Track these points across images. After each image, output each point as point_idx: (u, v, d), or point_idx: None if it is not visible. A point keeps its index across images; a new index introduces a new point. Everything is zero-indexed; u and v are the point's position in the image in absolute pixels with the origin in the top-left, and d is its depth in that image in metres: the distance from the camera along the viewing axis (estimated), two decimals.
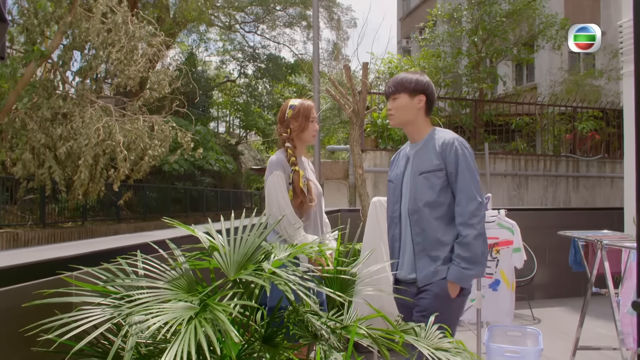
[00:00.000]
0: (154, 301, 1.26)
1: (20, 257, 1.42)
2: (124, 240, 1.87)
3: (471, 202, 2.30)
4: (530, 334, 3.58)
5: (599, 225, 5.67)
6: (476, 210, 2.30)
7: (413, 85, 2.48)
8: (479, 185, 2.36)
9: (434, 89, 2.57)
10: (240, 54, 28.16)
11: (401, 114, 2.52)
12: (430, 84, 2.54)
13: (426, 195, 2.38)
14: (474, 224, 2.28)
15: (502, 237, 3.97)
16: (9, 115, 9.56)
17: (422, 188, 2.40)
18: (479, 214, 2.30)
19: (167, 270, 1.45)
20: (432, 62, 11.89)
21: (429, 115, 2.57)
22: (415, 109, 2.49)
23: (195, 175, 18.55)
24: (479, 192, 2.33)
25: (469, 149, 2.40)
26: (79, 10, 9.57)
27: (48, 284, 1.36)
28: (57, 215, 12.10)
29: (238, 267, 1.41)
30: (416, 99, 2.48)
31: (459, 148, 2.35)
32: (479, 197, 2.32)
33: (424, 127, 2.53)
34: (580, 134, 9.97)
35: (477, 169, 2.40)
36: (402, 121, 2.55)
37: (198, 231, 1.57)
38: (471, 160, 2.37)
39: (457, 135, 2.44)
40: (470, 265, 2.26)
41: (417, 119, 2.51)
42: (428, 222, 2.37)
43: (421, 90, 2.49)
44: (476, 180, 2.35)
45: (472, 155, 2.39)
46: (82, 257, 1.49)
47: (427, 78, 2.56)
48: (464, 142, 2.41)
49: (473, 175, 2.35)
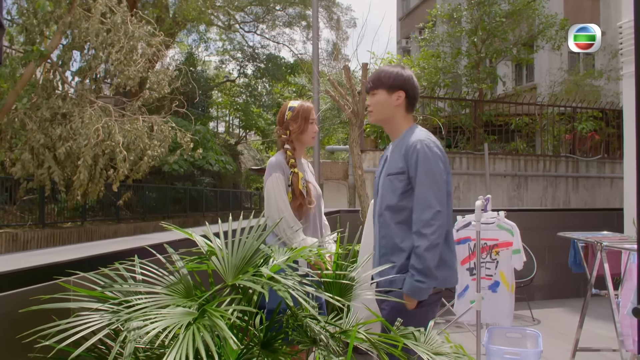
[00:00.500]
0: (152, 307, 1.25)
1: (17, 262, 1.41)
2: (121, 244, 1.86)
3: (426, 211, 2.14)
4: (530, 336, 3.57)
5: (598, 226, 5.66)
6: (431, 219, 2.12)
7: (391, 80, 2.34)
8: (441, 192, 2.18)
9: (415, 84, 2.40)
10: (239, 54, 28.18)
11: (379, 110, 2.40)
12: (411, 79, 2.38)
13: (388, 199, 2.28)
14: (427, 235, 2.10)
15: (502, 238, 3.97)
16: (9, 115, 9.55)
17: (386, 191, 2.30)
18: (435, 224, 2.12)
19: (165, 275, 1.44)
20: (431, 62, 11.88)
21: (411, 111, 2.43)
22: (393, 106, 2.36)
23: (194, 175, 18.54)
24: (439, 199, 2.15)
25: (435, 152, 2.22)
26: (78, 10, 9.56)
27: (45, 289, 1.35)
28: (56, 215, 12.09)
29: (236, 272, 1.40)
30: (395, 95, 2.34)
31: (421, 151, 2.19)
32: (437, 205, 2.14)
33: (403, 125, 2.39)
34: (579, 134, 9.96)
35: (442, 175, 2.21)
36: (380, 118, 2.43)
37: (196, 235, 1.56)
38: (434, 164, 2.19)
39: (425, 137, 2.27)
40: (423, 277, 2.08)
41: (396, 116, 2.38)
42: (389, 227, 2.27)
43: (400, 85, 2.34)
44: (437, 187, 2.17)
45: (437, 158, 2.21)
46: (79, 261, 1.48)
47: (409, 72, 2.40)
48: (429, 145, 2.22)
49: (434, 182, 2.17)
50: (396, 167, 2.27)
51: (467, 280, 4.06)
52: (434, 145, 2.24)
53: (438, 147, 2.25)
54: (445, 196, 2.21)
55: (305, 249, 1.57)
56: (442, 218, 2.14)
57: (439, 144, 2.29)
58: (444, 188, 2.21)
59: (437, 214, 2.13)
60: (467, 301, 4.02)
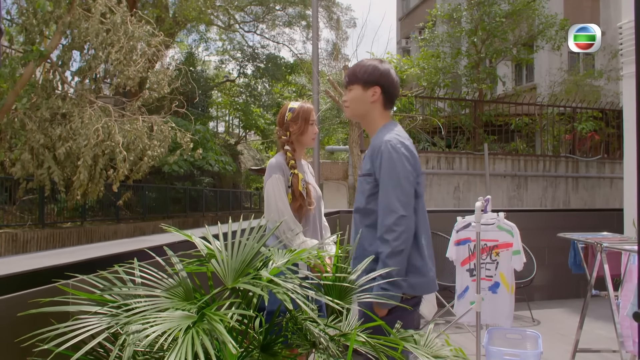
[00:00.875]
0: (151, 310, 1.25)
1: (15, 265, 1.40)
2: (120, 246, 1.85)
3: (389, 215, 2.03)
4: (530, 337, 3.57)
5: (598, 227, 5.66)
6: (394, 224, 2.00)
7: (366, 75, 2.23)
8: (406, 195, 2.06)
9: (393, 79, 2.27)
10: (239, 54, 28.19)
11: (354, 106, 2.30)
12: (389, 73, 2.25)
13: (358, 201, 2.21)
14: (389, 241, 1.99)
15: (502, 239, 3.96)
16: (8, 115, 9.55)
17: (357, 192, 2.23)
18: (397, 229, 2.00)
19: (164, 279, 1.44)
20: (431, 62, 11.89)
21: (389, 108, 2.31)
22: (368, 102, 2.25)
23: (194, 175, 18.54)
24: (403, 203, 2.03)
25: (401, 153, 2.09)
26: (77, 10, 9.56)
27: (44, 292, 1.35)
28: (56, 215, 12.09)
29: (236, 275, 1.40)
30: (370, 91, 2.23)
31: (385, 152, 2.09)
32: (400, 209, 2.02)
33: (380, 122, 2.28)
34: (579, 135, 9.97)
35: (408, 176, 2.09)
36: (356, 114, 2.33)
37: (195, 237, 1.55)
38: (399, 166, 2.07)
39: (393, 136, 2.14)
40: (386, 285, 1.94)
41: (372, 113, 2.27)
42: (358, 229, 2.18)
43: (375, 81, 2.23)
44: (401, 190, 2.05)
45: (403, 159, 2.09)
46: (78, 264, 1.48)
47: (386, 67, 2.27)
48: (395, 145, 2.10)
49: (397, 184, 2.05)
50: (365, 168, 2.19)
51: (467, 281, 4.06)
52: (400, 145, 2.12)
53: (406, 147, 2.13)
54: (412, 199, 2.10)
55: (305, 251, 1.57)
56: (406, 223, 2.03)
57: (409, 143, 2.18)
58: (410, 191, 2.09)
59: (401, 218, 2.02)
60: (467, 302, 4.02)
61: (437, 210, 7.05)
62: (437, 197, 8.62)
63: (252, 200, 29.04)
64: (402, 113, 9.68)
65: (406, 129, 9.07)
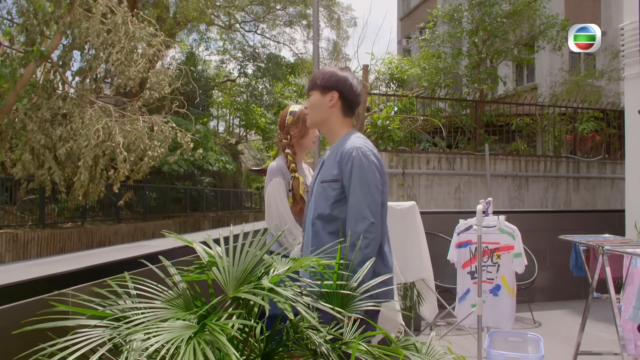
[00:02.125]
0: (152, 320, 1.24)
1: (14, 275, 1.39)
2: (120, 252, 1.84)
3: (361, 222, 2.01)
4: (531, 340, 3.56)
5: (600, 228, 5.66)
6: (366, 232, 2.00)
7: (324, 81, 2.23)
8: (375, 203, 2.06)
9: (352, 85, 2.25)
10: (240, 54, 28.19)
11: (313, 112, 2.29)
12: (347, 79, 2.24)
13: (320, 207, 2.16)
14: (361, 248, 1.97)
15: (503, 242, 3.96)
16: (9, 115, 9.54)
17: (319, 198, 2.17)
18: (369, 237, 1.99)
19: (164, 290, 1.43)
20: (432, 62, 11.87)
21: (349, 115, 2.29)
22: (326, 108, 2.23)
23: (195, 175, 18.53)
24: (373, 211, 2.03)
25: (371, 161, 2.10)
26: (78, 10, 9.54)
27: (44, 303, 1.34)
28: (56, 215, 12.09)
29: (237, 284, 1.39)
30: (328, 96, 2.22)
31: (356, 159, 2.07)
32: (371, 217, 2.02)
33: (339, 129, 2.26)
34: (580, 135, 9.94)
35: (377, 185, 2.10)
36: (315, 120, 2.31)
37: (196, 244, 1.55)
38: (370, 173, 2.07)
39: (362, 143, 2.14)
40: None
41: (331, 119, 2.26)
42: (321, 237, 2.13)
43: (332, 86, 2.22)
44: (372, 197, 2.05)
45: (373, 167, 2.09)
46: (77, 273, 1.46)
47: (345, 73, 2.27)
48: (365, 153, 2.10)
49: (368, 192, 2.05)
50: (330, 174, 2.16)
51: (468, 283, 4.06)
52: (370, 153, 2.12)
53: (375, 156, 2.14)
54: (380, 207, 2.10)
55: (307, 259, 1.56)
56: (376, 230, 2.03)
57: (376, 152, 2.19)
58: (379, 199, 2.09)
59: (372, 226, 2.02)
60: (469, 305, 4.01)
61: (438, 212, 7.06)
62: (437, 197, 8.61)
63: (253, 200, 29.02)
64: (402, 113, 9.67)
65: (407, 130, 9.11)
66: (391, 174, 8.29)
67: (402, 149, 8.64)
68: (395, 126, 9.19)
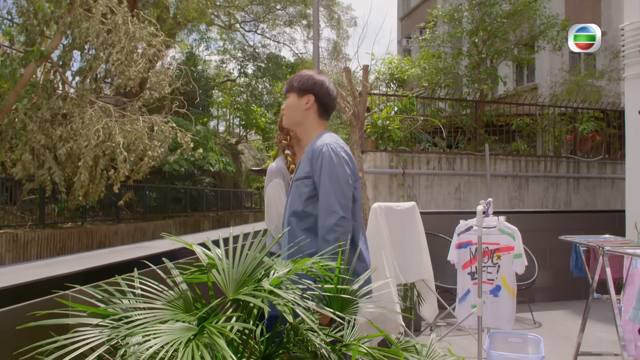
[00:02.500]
0: (151, 322, 1.24)
1: (14, 277, 1.39)
2: (120, 254, 1.84)
3: (329, 216, 2.04)
4: (532, 341, 3.56)
5: (600, 228, 5.66)
6: (335, 225, 2.02)
7: (301, 84, 2.30)
8: (345, 198, 2.08)
9: (328, 89, 2.32)
10: (240, 53, 28.19)
11: (289, 114, 2.36)
12: (323, 83, 2.32)
13: (295, 204, 2.20)
14: (331, 241, 1.99)
15: (503, 242, 3.95)
16: (9, 115, 9.54)
17: (294, 196, 2.22)
18: (337, 230, 2.01)
19: (164, 291, 1.43)
20: (432, 62, 11.86)
21: (325, 117, 2.36)
22: (302, 110, 2.30)
23: (195, 175, 18.52)
24: (343, 205, 2.06)
25: (341, 156, 2.13)
26: (78, 10, 9.54)
27: (43, 304, 1.34)
28: (56, 215, 12.08)
29: (237, 286, 1.39)
30: (304, 99, 2.29)
31: (326, 154, 2.12)
32: (340, 211, 2.04)
33: (314, 130, 2.32)
34: (580, 135, 9.94)
35: (348, 180, 2.12)
36: (291, 122, 2.38)
37: (196, 246, 1.54)
38: (339, 169, 2.11)
39: (333, 141, 2.19)
40: None
41: (306, 121, 2.32)
42: (296, 234, 2.16)
43: (309, 89, 2.29)
44: (342, 192, 2.08)
45: (343, 163, 2.13)
46: (78, 274, 1.46)
47: (322, 77, 2.35)
48: (335, 149, 2.14)
49: (338, 186, 2.08)
50: (303, 172, 2.20)
51: (468, 284, 4.05)
52: (340, 149, 2.16)
53: (345, 152, 2.18)
54: (351, 202, 2.13)
55: (307, 260, 1.56)
56: (346, 224, 2.05)
57: (348, 149, 2.23)
58: (349, 194, 2.13)
59: (341, 219, 2.04)
60: (469, 305, 4.01)
61: (438, 212, 7.06)
62: (437, 197, 8.61)
63: (253, 200, 29.02)
64: (403, 114, 9.67)
65: (407, 130, 9.10)
66: (391, 174, 8.28)
67: (402, 149, 8.63)
68: (396, 126, 9.19)
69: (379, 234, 3.40)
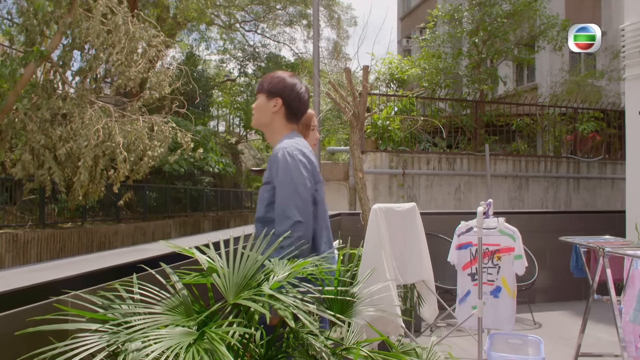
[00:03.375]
0: (151, 327, 1.23)
1: (13, 280, 1.38)
2: (120, 257, 1.84)
3: (283, 222, 1.98)
4: (532, 342, 3.56)
5: (600, 229, 5.65)
6: (289, 231, 1.95)
7: (271, 86, 2.28)
8: (303, 202, 2.02)
9: (297, 93, 2.29)
10: (240, 53, 28.19)
11: (257, 115, 2.33)
12: (294, 87, 2.29)
13: (258, 210, 2.17)
14: (284, 247, 1.91)
15: (504, 244, 3.95)
16: (9, 115, 9.53)
17: (259, 202, 2.19)
18: (293, 235, 1.94)
19: (163, 295, 1.42)
20: (432, 63, 11.86)
21: (293, 121, 2.32)
22: (270, 112, 2.28)
23: (195, 175, 18.51)
24: (300, 209, 1.99)
25: (298, 160, 2.08)
26: (78, 10, 9.53)
27: (42, 309, 1.33)
28: (56, 215, 12.07)
29: (237, 290, 1.38)
30: (272, 101, 2.27)
31: (281, 159, 2.07)
32: (297, 215, 1.97)
33: (279, 134, 2.29)
34: (581, 135, 9.94)
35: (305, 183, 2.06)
36: (259, 123, 2.36)
37: (197, 252, 1.54)
38: (295, 173, 2.05)
39: (291, 144, 2.14)
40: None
41: (273, 123, 2.30)
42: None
43: (278, 92, 2.26)
44: (298, 196, 2.01)
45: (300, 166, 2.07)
46: (76, 278, 1.46)
47: (293, 81, 2.31)
48: (291, 152, 2.09)
49: (294, 191, 2.02)
50: (265, 177, 2.18)
51: (468, 285, 4.05)
52: (298, 152, 2.11)
53: (303, 154, 2.13)
54: (310, 206, 2.06)
55: (307, 263, 1.55)
56: (302, 229, 1.98)
57: (308, 151, 2.18)
58: (307, 197, 2.05)
59: (297, 224, 1.97)
60: (469, 306, 4.00)
61: (438, 213, 7.05)
62: (437, 198, 8.61)
63: (253, 200, 29.00)
64: (403, 114, 9.66)
65: (407, 130, 9.10)
66: (391, 174, 8.28)
67: (403, 149, 8.63)
68: (396, 126, 9.19)
69: (379, 236, 3.40)
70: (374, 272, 2.31)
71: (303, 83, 2.34)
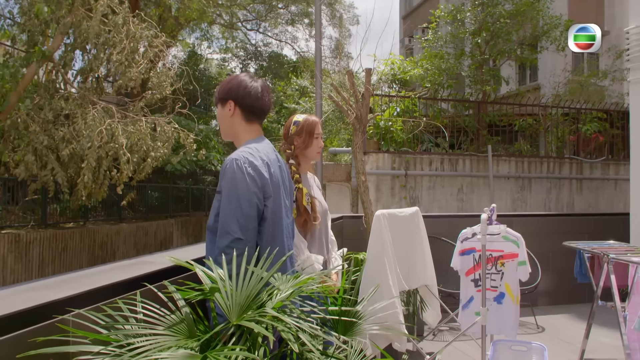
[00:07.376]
0: (154, 349, 1.22)
1: (14, 302, 1.37)
2: (122, 272, 1.82)
3: (224, 237, 1.86)
4: (536, 349, 3.54)
5: (604, 232, 5.63)
6: (227, 247, 1.82)
7: (220, 93, 2.17)
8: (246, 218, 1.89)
9: (247, 88, 2.14)
10: (242, 52, 28.18)
11: (220, 126, 2.22)
12: (241, 84, 2.14)
13: (210, 218, 2.04)
14: (220, 264, 1.73)
15: (507, 249, 3.93)
16: (11, 116, 9.53)
17: (211, 209, 2.06)
18: (230, 252, 1.79)
19: (165, 312, 1.41)
20: (435, 63, 11.83)
21: (253, 122, 2.17)
22: (228, 118, 2.15)
23: (197, 174, 18.51)
24: (241, 226, 1.87)
25: (246, 173, 1.94)
26: (79, 10, 9.52)
27: (44, 329, 1.31)
28: (58, 215, 12.08)
29: (241, 310, 1.37)
30: (226, 107, 2.14)
31: (229, 171, 1.94)
32: (237, 232, 1.85)
33: (242, 139, 2.16)
34: (584, 136, 9.90)
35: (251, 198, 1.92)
36: (225, 133, 2.23)
37: (198, 269, 1.53)
38: (241, 186, 1.91)
39: (243, 155, 1.99)
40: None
41: (234, 128, 2.17)
42: (209, 248, 2.03)
43: (227, 95, 2.14)
44: (241, 212, 1.88)
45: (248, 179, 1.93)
46: (77, 297, 1.44)
47: (242, 78, 2.18)
48: (240, 164, 1.95)
49: (238, 206, 1.89)
50: (218, 186, 2.03)
51: (471, 291, 4.03)
52: (248, 164, 1.96)
53: (253, 167, 1.97)
54: (253, 223, 1.93)
55: (309, 281, 1.54)
56: (242, 247, 1.84)
57: (261, 162, 2.02)
58: (251, 213, 1.92)
59: (236, 241, 1.84)
60: (472, 312, 3.99)
61: (441, 216, 7.03)
62: (440, 198, 8.59)
63: None
64: (405, 114, 9.64)
65: (409, 131, 9.07)
66: (393, 175, 8.26)
67: (405, 150, 8.61)
68: (398, 127, 9.16)
69: (383, 243, 3.38)
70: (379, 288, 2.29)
71: (255, 78, 2.21)
